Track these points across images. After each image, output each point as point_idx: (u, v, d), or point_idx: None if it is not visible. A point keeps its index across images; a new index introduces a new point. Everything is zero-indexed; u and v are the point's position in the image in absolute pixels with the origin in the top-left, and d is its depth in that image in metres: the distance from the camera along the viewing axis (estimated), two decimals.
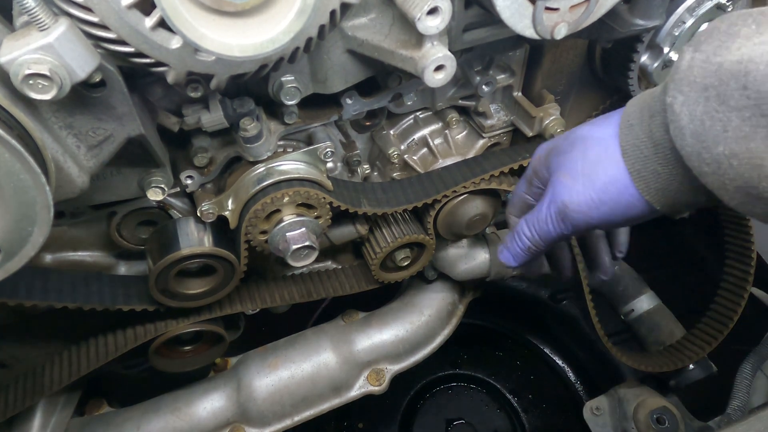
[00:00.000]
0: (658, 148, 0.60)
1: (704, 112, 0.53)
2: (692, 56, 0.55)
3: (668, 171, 0.60)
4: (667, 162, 0.60)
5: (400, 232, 1.05)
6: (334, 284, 1.13)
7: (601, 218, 0.64)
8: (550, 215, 0.68)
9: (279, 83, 0.81)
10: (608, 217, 0.64)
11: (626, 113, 0.64)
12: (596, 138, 0.65)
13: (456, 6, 0.75)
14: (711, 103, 0.52)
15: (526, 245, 0.73)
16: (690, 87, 0.54)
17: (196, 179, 0.87)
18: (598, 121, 0.67)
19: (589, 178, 0.64)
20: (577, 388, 1.60)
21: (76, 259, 0.95)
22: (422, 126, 1.05)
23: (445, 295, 1.26)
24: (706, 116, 0.53)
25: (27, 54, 0.53)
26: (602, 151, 0.64)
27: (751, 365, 1.09)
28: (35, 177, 0.56)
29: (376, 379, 1.19)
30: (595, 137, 0.65)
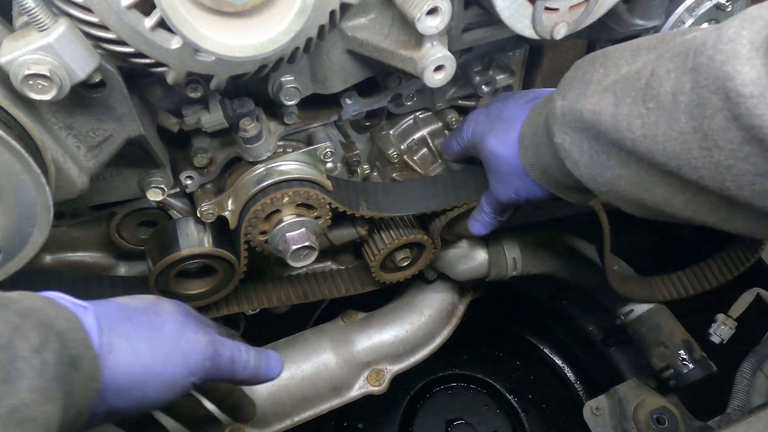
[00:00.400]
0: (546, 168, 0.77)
1: (589, 146, 0.65)
2: (561, 104, 0.68)
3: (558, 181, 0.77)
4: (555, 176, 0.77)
5: (400, 232, 1.05)
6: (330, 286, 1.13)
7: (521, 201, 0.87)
8: (495, 203, 0.92)
9: (279, 83, 0.81)
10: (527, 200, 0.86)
11: (521, 135, 0.80)
12: (503, 157, 0.83)
13: (456, 6, 0.75)
14: (591, 141, 0.64)
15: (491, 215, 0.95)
16: (571, 130, 0.67)
17: (195, 180, 0.87)
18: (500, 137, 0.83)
19: (507, 183, 0.85)
20: (577, 388, 1.60)
21: (75, 259, 0.95)
22: (422, 126, 1.05)
23: (445, 295, 1.26)
24: (592, 150, 0.65)
25: (27, 54, 0.53)
26: (509, 168, 0.83)
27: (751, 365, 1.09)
28: (35, 178, 0.56)
29: (376, 380, 1.19)
30: (502, 155, 0.83)
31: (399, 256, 1.09)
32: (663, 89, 0.55)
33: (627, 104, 0.58)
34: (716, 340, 1.15)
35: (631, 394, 1.13)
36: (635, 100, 0.57)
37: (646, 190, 0.62)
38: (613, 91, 0.60)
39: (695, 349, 1.12)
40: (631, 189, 0.63)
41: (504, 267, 1.11)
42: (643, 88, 0.57)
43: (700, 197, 0.57)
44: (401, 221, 1.07)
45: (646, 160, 0.58)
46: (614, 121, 0.59)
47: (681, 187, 0.58)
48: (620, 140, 0.59)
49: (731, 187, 0.52)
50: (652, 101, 0.56)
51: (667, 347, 1.12)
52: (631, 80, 0.59)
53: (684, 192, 0.58)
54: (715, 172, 0.52)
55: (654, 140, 0.56)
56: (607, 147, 0.63)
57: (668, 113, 0.54)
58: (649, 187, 0.61)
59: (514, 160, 0.81)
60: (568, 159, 0.69)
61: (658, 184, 0.60)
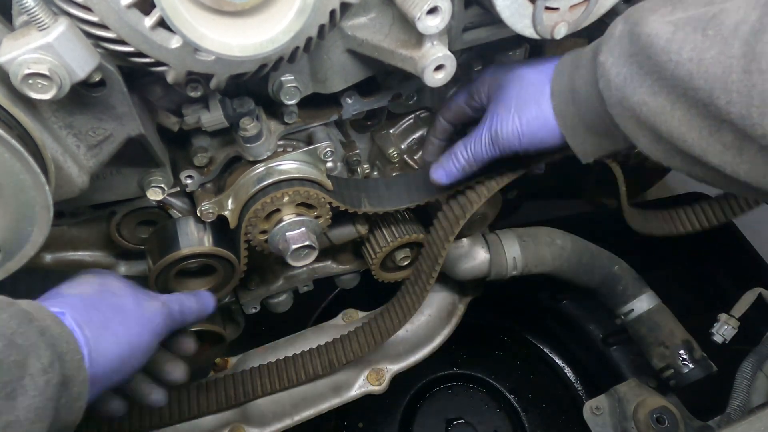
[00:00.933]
0: (574, 94, 0.75)
1: (628, 71, 0.66)
2: (622, 27, 0.68)
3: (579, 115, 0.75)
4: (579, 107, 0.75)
5: (400, 231, 1.05)
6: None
7: (524, 144, 0.80)
8: (484, 140, 0.83)
9: (279, 83, 0.81)
10: (528, 143, 0.80)
11: (561, 61, 0.78)
12: (532, 80, 0.79)
13: (456, 6, 0.75)
14: (633, 67, 0.66)
15: (461, 165, 0.87)
16: (620, 51, 0.67)
17: (195, 179, 0.87)
18: (536, 64, 0.81)
19: (519, 111, 0.79)
20: (577, 388, 1.60)
21: (75, 258, 0.95)
22: (422, 126, 1.05)
23: (445, 295, 1.26)
24: (629, 74, 0.66)
25: (26, 53, 0.53)
26: (534, 91, 0.79)
27: (751, 365, 1.08)
28: (35, 177, 0.56)
29: (376, 379, 1.19)
30: (532, 79, 0.80)
31: (399, 255, 1.09)
32: (728, 20, 0.57)
33: (686, 32, 0.60)
34: (719, 339, 1.15)
35: (631, 393, 1.13)
36: (695, 29, 0.60)
37: (665, 122, 0.64)
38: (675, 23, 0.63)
39: (695, 349, 1.12)
40: (651, 117, 0.65)
41: (504, 267, 1.11)
42: (708, 20, 0.59)
43: (714, 136, 0.60)
44: (402, 220, 1.07)
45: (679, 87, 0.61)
46: (666, 45, 0.61)
47: (699, 122, 0.61)
48: (664, 63, 0.61)
49: (755, 114, 0.55)
50: (712, 29, 0.58)
51: (668, 347, 1.12)
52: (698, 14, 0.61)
53: (700, 129, 0.61)
54: (745, 96, 0.55)
55: (699, 63, 0.58)
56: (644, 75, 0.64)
57: (724, 39, 0.57)
58: (669, 119, 0.63)
59: (542, 85, 0.78)
60: (603, 78, 0.69)
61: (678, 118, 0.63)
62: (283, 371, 1.09)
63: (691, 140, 0.62)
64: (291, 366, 1.10)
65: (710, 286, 1.63)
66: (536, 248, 1.12)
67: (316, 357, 1.10)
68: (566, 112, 0.76)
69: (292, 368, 1.09)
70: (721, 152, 0.60)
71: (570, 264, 1.14)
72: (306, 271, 1.15)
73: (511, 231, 1.14)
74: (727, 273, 1.61)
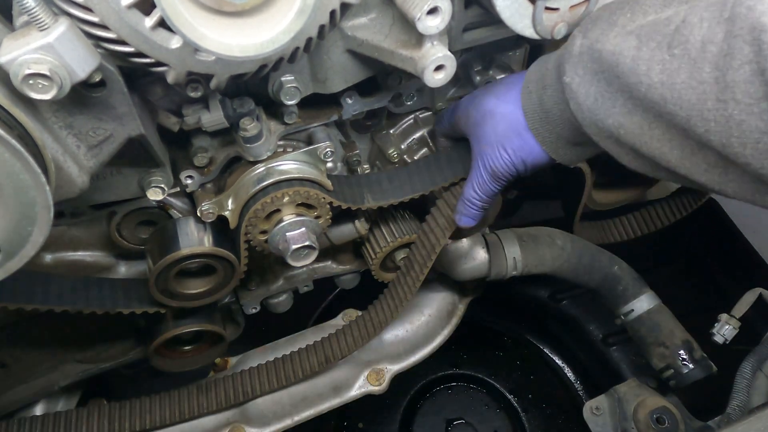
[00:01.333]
0: (547, 114, 0.75)
1: (597, 91, 0.64)
2: (581, 42, 0.66)
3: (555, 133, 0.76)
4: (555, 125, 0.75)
5: (400, 231, 1.06)
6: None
7: (520, 171, 0.82)
8: (485, 178, 0.85)
9: (279, 83, 0.81)
10: (522, 169, 0.82)
11: (527, 80, 0.78)
12: (502, 113, 0.80)
13: (456, 6, 0.75)
14: (601, 84, 0.64)
15: (478, 205, 0.90)
16: (584, 70, 0.65)
17: (196, 179, 0.87)
18: (502, 95, 0.82)
19: (503, 145, 0.81)
20: (577, 388, 1.60)
21: (75, 258, 0.95)
22: (422, 126, 1.05)
23: (445, 295, 1.26)
24: (598, 94, 0.64)
25: (27, 54, 0.53)
26: (508, 125, 0.80)
27: (751, 365, 1.08)
28: (35, 177, 0.56)
29: (376, 379, 1.19)
30: (501, 112, 0.80)
31: (399, 255, 1.09)
32: (693, 37, 0.54)
33: (650, 48, 0.58)
34: (719, 340, 1.15)
35: (631, 394, 1.13)
36: (660, 45, 0.57)
37: (644, 143, 0.62)
38: (638, 34, 0.59)
39: (695, 349, 1.11)
40: (630, 139, 0.63)
41: (504, 267, 1.11)
42: (671, 34, 0.56)
43: (697, 156, 0.58)
44: (402, 220, 1.07)
45: (654, 109, 0.58)
46: (633, 65, 0.59)
47: (680, 142, 0.58)
48: (635, 85, 0.59)
49: (735, 143, 0.52)
50: (677, 48, 0.55)
51: (667, 347, 1.12)
52: (659, 25, 0.58)
53: (682, 148, 0.59)
54: (723, 126, 0.52)
55: (671, 87, 0.55)
56: (615, 93, 0.62)
57: (692, 61, 0.54)
58: (648, 140, 0.61)
59: (514, 115, 0.79)
60: (572, 100, 0.68)
61: (657, 138, 0.60)
62: (280, 370, 1.09)
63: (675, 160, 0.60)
64: (288, 364, 1.10)
65: (710, 286, 1.63)
66: (536, 248, 1.12)
67: (313, 354, 1.10)
68: (543, 130, 0.77)
69: (289, 366, 1.09)
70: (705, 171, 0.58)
71: (570, 264, 1.14)
72: (306, 271, 1.15)
73: (511, 231, 1.14)
74: (727, 273, 1.61)
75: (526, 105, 0.78)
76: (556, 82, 0.72)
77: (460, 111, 0.89)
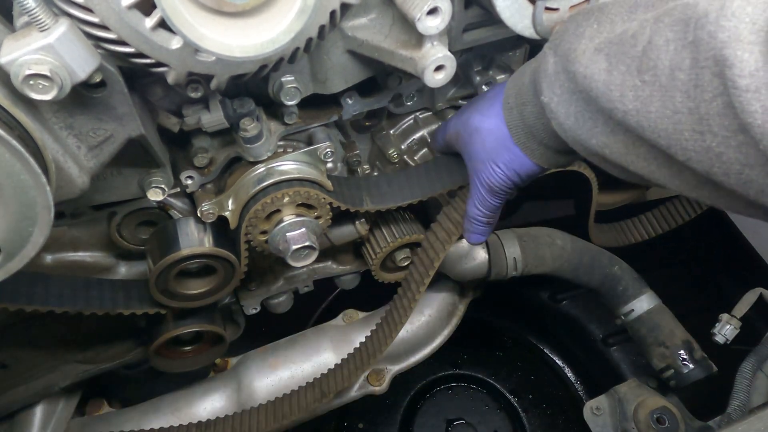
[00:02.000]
0: (530, 129, 0.75)
1: (576, 110, 0.64)
2: (554, 60, 0.66)
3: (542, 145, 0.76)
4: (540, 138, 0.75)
5: (401, 231, 1.06)
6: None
7: (516, 183, 0.83)
8: (484, 194, 0.86)
9: (279, 83, 0.81)
10: (517, 180, 0.82)
11: (506, 96, 0.79)
12: (488, 130, 0.81)
13: (456, 6, 0.76)
14: (580, 104, 0.63)
15: (484, 221, 0.90)
16: (560, 89, 0.65)
17: (196, 179, 0.87)
18: (485, 111, 0.82)
19: (494, 161, 0.81)
20: (577, 388, 1.60)
21: (76, 259, 0.95)
22: (422, 126, 1.05)
23: (445, 295, 1.26)
24: (578, 114, 0.63)
25: (27, 54, 0.53)
26: (495, 140, 0.80)
27: (751, 365, 1.08)
28: (36, 177, 0.56)
29: (377, 379, 1.19)
30: (487, 128, 0.81)
31: (399, 255, 1.09)
32: (660, 62, 0.53)
33: (621, 72, 0.56)
34: (720, 340, 1.15)
35: (631, 394, 1.13)
36: (629, 69, 0.56)
37: (631, 162, 0.61)
38: (606, 54, 0.58)
39: (695, 350, 1.12)
40: (615, 158, 0.62)
41: (504, 267, 1.11)
42: (639, 57, 0.55)
43: (685, 174, 0.57)
44: (402, 220, 1.07)
45: (634, 132, 0.57)
46: (606, 90, 0.58)
47: (667, 162, 0.57)
48: (611, 110, 0.58)
49: (718, 173, 0.51)
50: (647, 73, 0.54)
51: (668, 347, 1.12)
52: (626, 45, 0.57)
53: (669, 167, 0.58)
54: (704, 157, 0.51)
55: (646, 116, 0.54)
56: (595, 114, 0.61)
57: (664, 89, 0.52)
58: (634, 159, 0.60)
59: (499, 130, 0.79)
60: (554, 120, 0.68)
61: (644, 157, 0.59)
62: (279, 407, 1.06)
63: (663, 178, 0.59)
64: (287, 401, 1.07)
65: (710, 286, 1.64)
66: (536, 248, 1.12)
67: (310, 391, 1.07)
68: (529, 143, 0.77)
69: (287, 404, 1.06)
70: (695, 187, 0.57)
71: (570, 264, 1.14)
72: (306, 271, 1.15)
73: (511, 231, 1.14)
74: (727, 273, 1.61)
75: (509, 121, 0.78)
76: (534, 99, 0.72)
77: (450, 130, 0.90)
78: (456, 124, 0.88)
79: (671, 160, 0.56)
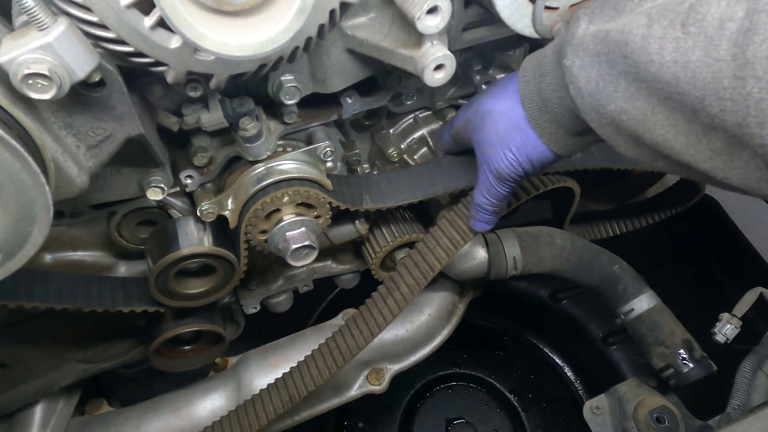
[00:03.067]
0: (546, 102, 0.73)
1: (598, 74, 0.62)
2: (586, 26, 0.64)
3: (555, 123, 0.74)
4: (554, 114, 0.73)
5: (400, 231, 1.05)
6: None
7: (527, 170, 0.80)
8: (492, 182, 0.83)
9: (278, 83, 0.81)
10: (528, 167, 0.79)
11: (523, 70, 0.76)
12: (501, 112, 0.79)
13: (456, 5, 0.75)
14: (603, 67, 0.61)
15: (490, 209, 0.88)
16: (585, 53, 0.63)
17: (195, 179, 0.87)
18: (498, 94, 0.80)
19: (506, 145, 0.79)
20: (577, 388, 1.60)
21: (75, 258, 0.95)
22: (422, 125, 1.05)
23: (445, 295, 1.25)
24: (599, 78, 0.62)
25: (26, 54, 0.53)
26: (508, 122, 0.78)
27: (751, 364, 1.08)
28: (35, 177, 0.56)
29: (376, 379, 1.19)
30: (500, 110, 0.79)
31: (399, 255, 1.09)
32: (710, 15, 0.52)
33: (662, 26, 0.55)
34: (721, 339, 1.15)
35: (631, 393, 1.13)
36: (672, 23, 0.55)
37: (647, 129, 0.60)
38: (647, 13, 0.57)
39: (695, 349, 1.11)
40: (631, 125, 0.61)
41: (504, 267, 1.11)
42: (685, 12, 0.54)
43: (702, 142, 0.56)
44: (402, 219, 1.07)
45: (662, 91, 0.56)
46: (643, 43, 0.56)
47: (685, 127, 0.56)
48: (644, 64, 0.56)
49: (752, 123, 0.50)
50: (693, 25, 0.53)
51: (667, 347, 1.12)
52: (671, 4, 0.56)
53: (687, 134, 0.57)
54: (741, 105, 0.50)
55: (685, 66, 0.53)
56: (617, 76, 0.60)
57: (709, 39, 0.52)
58: (651, 126, 0.59)
59: (513, 111, 0.77)
60: (572, 84, 0.66)
61: (661, 124, 0.58)
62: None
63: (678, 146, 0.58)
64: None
65: (710, 286, 1.63)
66: (536, 248, 1.12)
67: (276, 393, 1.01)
68: (542, 120, 0.75)
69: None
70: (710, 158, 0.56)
71: (570, 264, 1.14)
72: (306, 270, 1.15)
73: (510, 231, 1.14)
74: (727, 273, 1.61)
75: (524, 94, 0.76)
76: (556, 68, 0.70)
77: (460, 120, 0.88)
78: (466, 112, 0.87)
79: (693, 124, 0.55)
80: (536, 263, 1.12)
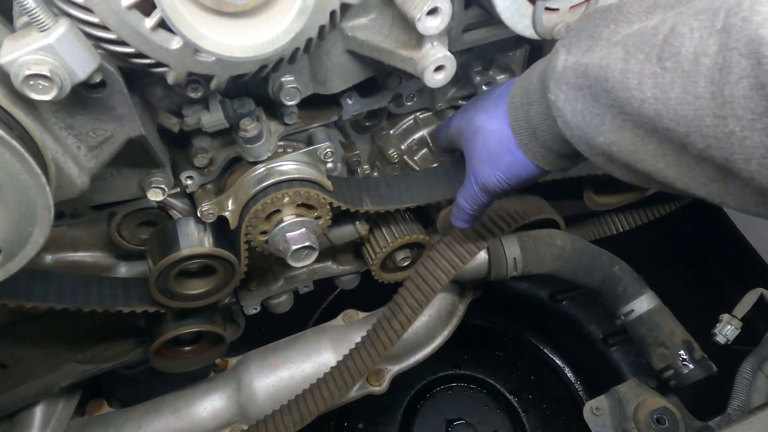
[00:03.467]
0: (535, 130, 0.74)
1: (583, 107, 0.62)
2: (565, 58, 0.64)
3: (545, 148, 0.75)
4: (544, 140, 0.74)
5: (401, 231, 1.06)
6: None
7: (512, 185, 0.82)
8: (476, 191, 0.85)
9: (279, 84, 0.81)
10: (516, 183, 0.81)
11: (512, 95, 0.77)
12: (491, 130, 0.80)
13: (456, 6, 0.75)
14: (587, 101, 0.61)
15: (469, 213, 0.89)
16: (567, 86, 0.64)
17: (196, 180, 0.87)
18: (490, 111, 0.81)
19: (494, 162, 0.80)
20: (577, 388, 1.60)
21: (76, 259, 0.95)
22: (422, 126, 1.05)
23: (445, 295, 1.25)
24: (586, 111, 0.62)
25: (27, 55, 0.53)
26: (498, 141, 0.79)
27: (751, 365, 1.08)
28: (35, 178, 0.56)
29: (376, 379, 1.19)
30: (490, 129, 0.80)
31: (399, 256, 1.09)
32: (684, 48, 0.51)
33: (639, 60, 0.55)
34: (721, 340, 1.15)
35: (631, 394, 1.13)
36: (649, 57, 0.54)
37: (639, 159, 0.59)
38: (624, 45, 0.57)
39: (695, 350, 1.11)
40: (623, 156, 0.61)
41: (504, 267, 1.11)
42: (660, 45, 0.53)
43: (694, 170, 0.55)
44: (402, 220, 1.07)
45: (647, 124, 0.56)
46: (623, 78, 0.56)
47: (675, 158, 0.56)
48: (626, 100, 0.56)
49: (738, 159, 0.49)
50: (669, 60, 0.52)
51: (668, 347, 1.12)
52: (646, 35, 0.55)
53: (678, 164, 0.56)
54: (725, 143, 0.50)
55: (665, 103, 0.53)
56: (602, 109, 0.60)
57: (686, 75, 0.51)
58: (642, 156, 0.59)
59: (503, 132, 0.78)
60: (560, 118, 0.66)
61: (651, 154, 0.58)
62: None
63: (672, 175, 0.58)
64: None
65: (710, 286, 1.64)
66: (536, 249, 1.12)
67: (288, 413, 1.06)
68: (532, 146, 0.76)
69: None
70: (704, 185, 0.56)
71: (570, 264, 1.14)
72: (306, 271, 1.15)
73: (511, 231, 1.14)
74: (727, 273, 1.61)
75: (513, 120, 0.77)
76: (541, 98, 0.71)
77: (453, 127, 0.89)
78: (459, 121, 0.87)
79: (683, 155, 0.55)
80: (536, 264, 1.12)
